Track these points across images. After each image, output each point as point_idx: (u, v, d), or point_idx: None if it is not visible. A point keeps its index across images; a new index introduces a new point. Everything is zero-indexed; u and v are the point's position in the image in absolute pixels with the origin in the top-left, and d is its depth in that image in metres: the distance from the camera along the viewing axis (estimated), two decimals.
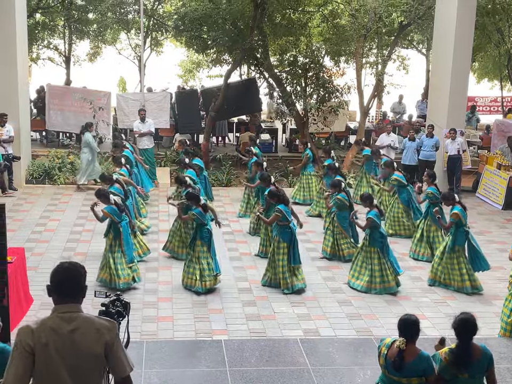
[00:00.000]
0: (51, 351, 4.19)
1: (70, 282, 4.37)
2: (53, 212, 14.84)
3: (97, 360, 4.28)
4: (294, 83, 19.13)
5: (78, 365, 4.22)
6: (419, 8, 18.96)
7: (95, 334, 4.26)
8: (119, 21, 22.02)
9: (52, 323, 4.25)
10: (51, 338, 4.20)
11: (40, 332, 4.20)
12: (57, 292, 4.35)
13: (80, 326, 4.28)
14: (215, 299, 10.44)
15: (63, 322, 4.26)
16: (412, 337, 5.97)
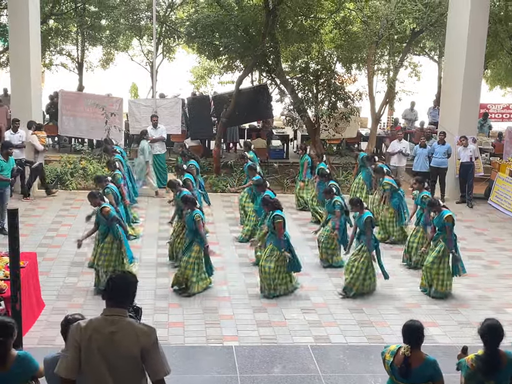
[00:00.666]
0: (93, 348, 4.61)
1: (119, 289, 4.78)
2: (65, 217, 14.90)
3: (134, 362, 4.62)
4: (305, 89, 19.13)
5: (117, 364, 4.60)
6: (431, 15, 18.94)
7: (133, 337, 4.62)
8: (132, 27, 22.12)
9: (97, 323, 4.68)
10: (94, 336, 4.63)
11: (86, 330, 4.66)
12: (108, 297, 4.80)
13: (121, 329, 4.65)
14: (226, 305, 10.43)
15: (107, 323, 4.66)
16: (417, 343, 5.94)
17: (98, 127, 19.68)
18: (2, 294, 8.58)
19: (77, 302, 10.30)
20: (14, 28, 16.53)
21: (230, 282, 11.35)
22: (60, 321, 5.76)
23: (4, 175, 13.20)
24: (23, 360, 5.84)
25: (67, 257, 12.23)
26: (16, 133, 16.01)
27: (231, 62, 20.12)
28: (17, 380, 5.84)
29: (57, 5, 21.46)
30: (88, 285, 10.84)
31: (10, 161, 13.50)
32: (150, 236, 13.72)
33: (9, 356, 5.80)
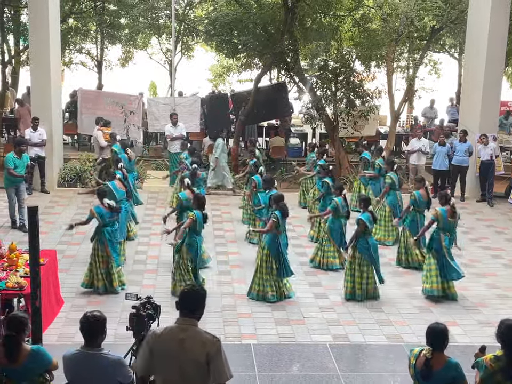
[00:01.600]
0: (165, 354, 5.16)
1: (190, 302, 5.28)
2: (84, 215, 14.83)
3: (200, 366, 5.10)
4: (324, 87, 19.04)
5: (185, 367, 5.11)
6: (451, 12, 18.78)
7: (200, 345, 5.11)
8: (151, 26, 22.16)
9: (170, 331, 5.22)
10: (167, 343, 5.17)
11: (161, 336, 5.20)
12: (181, 308, 5.29)
13: (190, 337, 5.15)
14: (243, 303, 10.43)
15: (179, 331, 5.19)
16: (440, 346, 5.84)
17: (117, 126, 19.72)
18: (23, 291, 8.64)
19: (95, 299, 10.34)
20: (34, 27, 16.64)
21: (248, 280, 11.29)
22: (79, 318, 5.78)
23: (18, 172, 13.43)
24: (36, 354, 5.93)
25: (86, 254, 12.21)
26: (36, 131, 16.15)
27: (249, 60, 20.09)
28: (30, 374, 5.96)
29: (77, 3, 21.54)
30: None
31: (24, 158, 13.69)
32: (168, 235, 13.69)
33: (22, 351, 5.90)
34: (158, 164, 19.66)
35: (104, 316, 5.72)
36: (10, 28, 20.62)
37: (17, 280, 8.74)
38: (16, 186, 13.53)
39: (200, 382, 5.16)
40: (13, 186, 13.51)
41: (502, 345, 5.87)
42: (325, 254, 12.05)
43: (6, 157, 13.64)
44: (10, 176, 13.43)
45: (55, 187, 17.08)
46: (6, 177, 13.55)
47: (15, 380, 5.97)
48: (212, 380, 5.14)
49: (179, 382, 5.15)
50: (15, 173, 13.37)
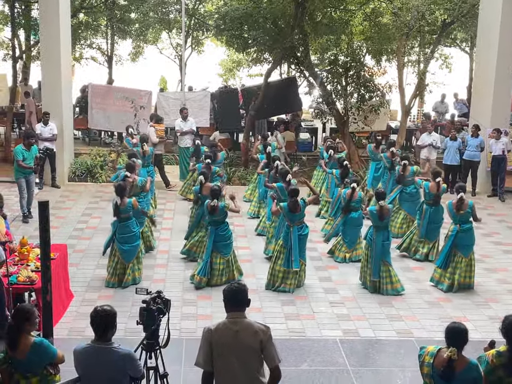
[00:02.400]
0: (223, 346, 5.62)
1: (236, 298, 5.81)
2: (95, 209, 15.01)
3: (255, 353, 5.63)
4: (334, 82, 18.99)
5: (243, 356, 5.61)
6: (463, 6, 18.66)
7: (253, 334, 5.62)
8: (161, 21, 22.17)
9: (224, 325, 5.72)
10: (223, 336, 5.64)
11: (216, 331, 5.68)
12: (228, 304, 5.82)
13: (243, 328, 5.66)
14: (254, 298, 10.27)
15: (232, 325, 5.69)
16: (460, 347, 5.79)
17: (127, 120, 19.72)
18: (34, 285, 8.68)
19: (106, 294, 10.37)
20: (45, 22, 16.68)
21: (258, 275, 11.32)
22: (89, 313, 5.80)
23: (27, 164, 13.83)
24: (39, 347, 6.00)
25: (96, 249, 12.30)
26: (47, 125, 16.21)
27: (259, 55, 20.05)
28: (34, 366, 6.04)
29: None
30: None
31: (33, 150, 14.07)
32: (179, 229, 13.75)
33: (25, 342, 5.98)
34: (168, 158, 19.67)
35: (114, 310, 5.75)
36: (21, 23, 20.65)
37: (28, 275, 8.78)
38: (26, 177, 13.92)
39: (256, 367, 5.68)
40: (23, 178, 13.89)
41: (507, 340, 5.84)
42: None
43: (15, 149, 14.11)
44: (19, 167, 13.85)
45: (66, 182, 17.13)
46: (16, 169, 13.97)
47: (20, 371, 6.05)
48: (266, 364, 5.68)
49: (238, 369, 5.61)
50: (24, 164, 13.77)
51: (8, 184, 16.50)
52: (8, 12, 20.35)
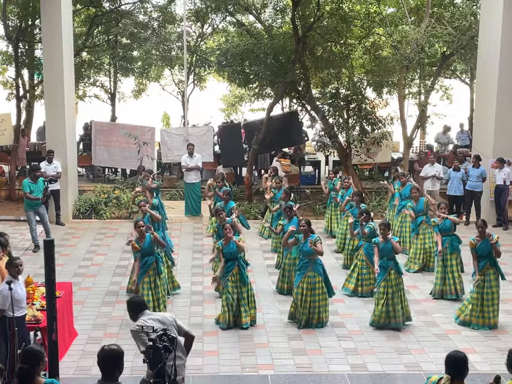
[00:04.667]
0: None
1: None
2: (99, 246, 15.02)
3: None
4: (336, 115, 19.12)
5: None
6: (462, 38, 18.82)
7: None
8: (163, 58, 22.38)
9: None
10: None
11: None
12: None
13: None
14: (260, 333, 10.36)
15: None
16: (460, 375, 5.74)
17: (131, 157, 19.91)
18: (39, 324, 8.64)
19: (111, 332, 10.32)
20: (48, 61, 16.88)
21: (264, 310, 11.27)
22: (95, 351, 5.78)
23: (34, 196, 14.30)
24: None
25: (102, 286, 12.29)
26: (51, 164, 16.28)
27: (261, 90, 20.25)
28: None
29: (90, 37, 21.84)
30: (123, 314, 10.81)
31: (39, 183, 14.48)
32: (184, 265, 13.74)
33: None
34: (172, 194, 19.73)
35: (121, 349, 5.71)
36: (25, 62, 20.90)
37: (34, 314, 8.76)
38: (36, 210, 14.41)
39: None
40: (32, 210, 14.38)
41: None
42: (363, 282, 12.03)
43: (23, 182, 14.72)
44: (28, 200, 14.35)
45: (70, 219, 17.17)
46: (25, 202, 14.51)
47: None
48: None
49: None
50: (31, 196, 14.28)
51: (13, 223, 16.64)
52: (11, 52, 20.58)
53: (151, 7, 22.79)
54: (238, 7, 19.96)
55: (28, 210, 14.39)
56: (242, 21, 21.42)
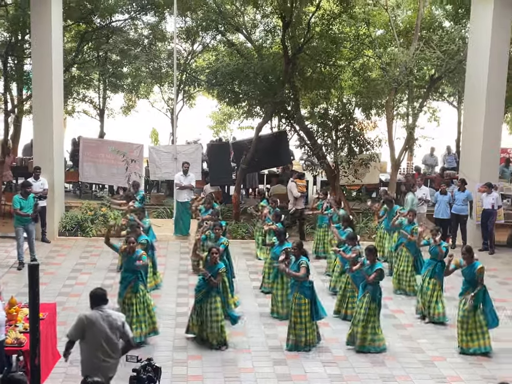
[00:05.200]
0: None
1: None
2: (85, 264, 14.91)
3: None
4: (324, 136, 19.17)
5: None
6: (450, 62, 19.02)
7: None
8: (153, 75, 22.42)
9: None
10: None
11: None
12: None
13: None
14: (245, 357, 10.30)
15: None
16: None
17: (118, 174, 19.84)
18: (22, 347, 8.54)
19: None
20: (38, 76, 16.84)
21: (250, 333, 11.21)
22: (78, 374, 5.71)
23: (24, 212, 14.26)
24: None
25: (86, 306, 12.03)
26: (38, 180, 16.17)
27: (250, 109, 20.30)
28: None
29: (80, 53, 21.84)
30: None
31: (30, 199, 14.48)
32: (170, 285, 13.66)
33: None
34: (159, 212, 19.65)
35: (103, 381, 5.65)
36: (14, 77, 20.86)
37: (17, 336, 8.66)
38: (25, 226, 14.42)
39: None
40: (22, 226, 14.38)
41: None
42: (347, 305, 12.00)
43: (13, 198, 14.67)
44: (18, 216, 14.34)
45: (56, 236, 17.06)
46: (15, 218, 14.49)
47: None
48: None
49: None
50: (21, 212, 14.27)
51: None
52: (0, 66, 20.51)
53: (142, 24, 22.84)
54: (229, 27, 20.04)
55: (18, 226, 14.37)
56: (232, 40, 21.50)
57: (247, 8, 21.24)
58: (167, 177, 20.41)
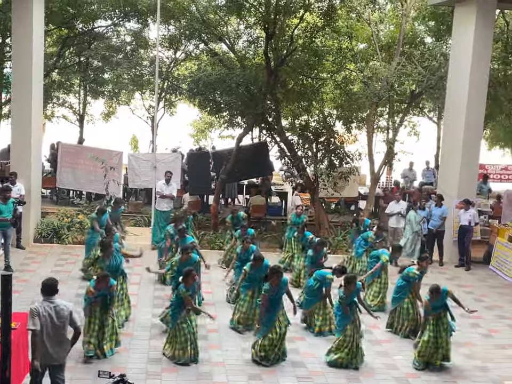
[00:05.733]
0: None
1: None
2: (60, 272, 14.67)
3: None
4: (305, 148, 19.18)
5: None
6: (431, 78, 19.16)
7: None
8: (134, 82, 22.31)
9: None
10: None
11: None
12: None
13: None
14: (220, 371, 10.20)
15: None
16: None
17: (97, 180, 19.69)
18: None
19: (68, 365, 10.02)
20: (17, 80, 16.68)
21: (224, 347, 11.12)
22: None
23: (3, 216, 14.11)
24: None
25: None
26: (14, 186, 15.94)
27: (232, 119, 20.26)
28: None
29: (61, 58, 21.69)
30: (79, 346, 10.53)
31: (9, 204, 14.34)
32: (145, 296, 13.53)
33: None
34: (137, 220, 19.50)
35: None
36: None
37: None
38: (3, 231, 14.29)
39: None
40: (0, 231, 14.22)
41: None
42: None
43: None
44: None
45: (31, 243, 16.86)
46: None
47: None
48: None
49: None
50: (0, 217, 14.08)
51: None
52: None
53: (125, 31, 22.76)
54: (212, 36, 20.02)
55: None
56: (215, 49, 21.46)
57: (230, 18, 21.24)
58: (146, 185, 20.28)
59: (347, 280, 10.67)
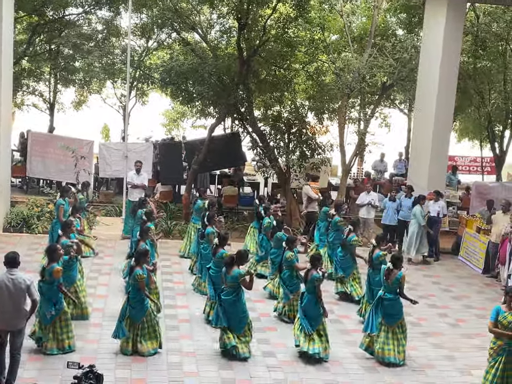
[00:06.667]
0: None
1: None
2: (29, 263, 14.50)
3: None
4: (277, 139, 19.24)
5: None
6: (402, 70, 19.32)
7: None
8: (106, 71, 22.12)
9: None
10: None
11: None
12: None
13: None
14: (191, 361, 10.22)
15: None
16: None
17: (67, 170, 19.50)
18: None
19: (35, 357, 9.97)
20: None
21: (196, 337, 11.14)
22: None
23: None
24: None
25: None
26: None
27: (204, 109, 20.21)
28: None
29: (31, 46, 21.42)
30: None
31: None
32: (115, 286, 13.48)
33: None
34: (108, 210, 19.38)
35: None
36: None
37: None
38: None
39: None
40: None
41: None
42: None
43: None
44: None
45: (0, 232, 16.68)
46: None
47: None
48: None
49: None
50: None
51: None
52: None
53: (96, 19, 22.53)
54: (184, 25, 19.92)
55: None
56: (188, 39, 21.35)
57: (203, 8, 21.15)
58: (117, 174, 20.17)
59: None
